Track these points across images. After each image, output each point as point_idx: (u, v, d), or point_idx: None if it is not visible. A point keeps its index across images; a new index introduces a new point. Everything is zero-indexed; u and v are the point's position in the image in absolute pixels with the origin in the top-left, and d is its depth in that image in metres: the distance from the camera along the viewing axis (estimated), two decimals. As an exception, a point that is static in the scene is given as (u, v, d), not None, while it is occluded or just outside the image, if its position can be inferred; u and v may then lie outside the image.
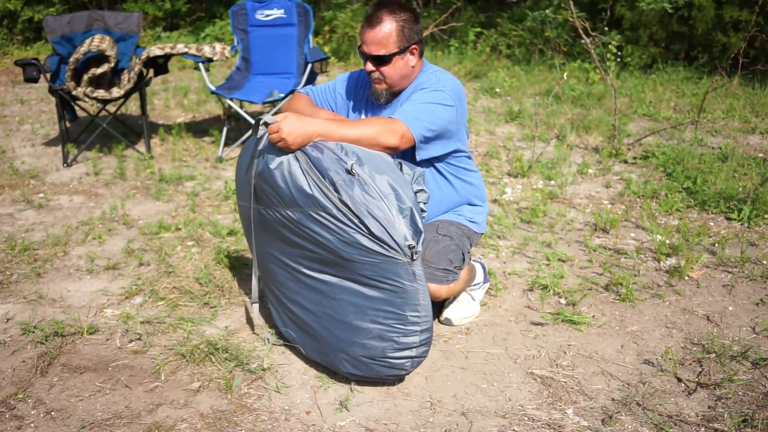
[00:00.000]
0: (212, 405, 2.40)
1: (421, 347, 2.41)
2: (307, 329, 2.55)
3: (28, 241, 3.70)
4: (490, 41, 8.99)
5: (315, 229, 2.32)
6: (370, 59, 2.64)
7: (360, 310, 2.38)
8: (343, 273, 2.36)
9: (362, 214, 2.23)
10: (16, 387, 2.50)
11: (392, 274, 2.28)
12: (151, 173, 4.82)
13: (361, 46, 2.66)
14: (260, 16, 5.61)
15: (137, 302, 3.10)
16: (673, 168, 4.70)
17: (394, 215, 2.25)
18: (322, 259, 2.38)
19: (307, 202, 2.30)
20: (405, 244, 2.24)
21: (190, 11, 10.75)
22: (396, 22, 2.60)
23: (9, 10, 9.78)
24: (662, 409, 2.37)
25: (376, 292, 2.33)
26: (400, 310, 2.33)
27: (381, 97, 2.72)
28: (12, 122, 6.29)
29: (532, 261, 3.49)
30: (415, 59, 2.70)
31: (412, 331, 2.37)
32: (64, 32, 5.25)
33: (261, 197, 2.47)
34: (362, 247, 2.26)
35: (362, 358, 2.42)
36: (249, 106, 6.23)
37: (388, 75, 2.66)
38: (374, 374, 2.45)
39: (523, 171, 4.72)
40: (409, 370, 2.45)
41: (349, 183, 2.25)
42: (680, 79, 7.39)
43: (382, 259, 2.26)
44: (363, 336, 2.39)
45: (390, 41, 2.60)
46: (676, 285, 3.25)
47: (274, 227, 2.47)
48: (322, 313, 2.47)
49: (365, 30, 2.62)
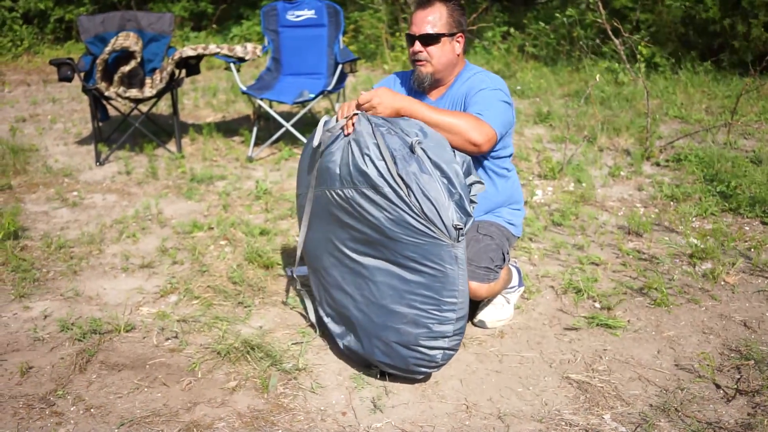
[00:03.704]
0: (249, 404, 2.42)
1: (454, 338, 2.41)
2: (346, 315, 2.58)
3: (63, 238, 3.74)
4: (516, 42, 8.96)
5: (365, 206, 2.36)
6: (419, 38, 2.71)
7: (397, 294, 2.39)
8: (385, 254, 2.39)
9: (415, 191, 2.27)
10: (55, 384, 2.53)
11: (434, 256, 2.30)
12: (182, 172, 4.86)
13: (410, 28, 2.75)
14: (291, 16, 5.64)
15: (172, 301, 3.13)
16: (707, 171, 4.65)
17: (445, 197, 2.28)
18: (367, 240, 2.42)
19: (361, 180, 2.35)
20: (452, 225, 2.27)
21: (221, 14, 10.80)
22: (446, 6, 2.73)
23: (40, 9, 9.91)
24: (700, 415, 2.35)
25: (415, 276, 2.35)
26: (438, 294, 2.34)
27: (425, 81, 2.77)
28: (44, 121, 6.37)
29: (564, 264, 3.48)
30: (460, 49, 2.78)
31: (447, 319, 2.37)
32: (97, 32, 5.31)
33: (323, 178, 2.53)
34: (408, 226, 2.29)
35: (395, 345, 2.43)
36: (278, 106, 6.26)
37: (435, 56, 2.72)
38: (405, 365, 2.45)
39: (554, 173, 4.70)
40: (439, 362, 2.45)
41: (408, 159, 2.30)
42: (710, 80, 7.31)
43: (427, 240, 2.29)
44: (398, 320, 2.41)
45: (440, 22, 2.71)
46: (712, 290, 3.21)
47: (330, 209, 2.52)
48: (361, 297, 2.50)
49: (416, 12, 2.74)
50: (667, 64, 7.89)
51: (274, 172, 4.92)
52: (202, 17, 10.93)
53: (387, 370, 2.52)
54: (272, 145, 5.47)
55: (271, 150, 5.43)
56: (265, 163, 5.15)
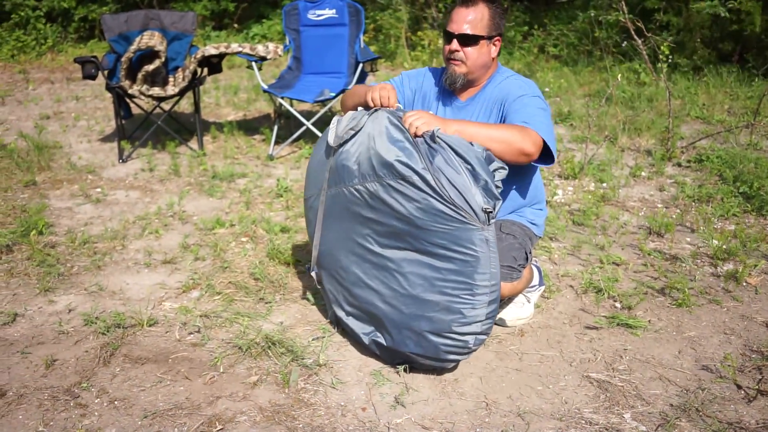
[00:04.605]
0: (270, 399, 2.44)
1: (487, 322, 2.42)
2: (371, 311, 2.59)
3: (87, 234, 3.79)
4: (537, 41, 8.93)
5: (391, 198, 2.38)
6: (457, 38, 2.67)
7: (428, 282, 2.41)
8: (413, 245, 2.41)
9: (442, 180, 2.28)
10: (80, 376, 2.57)
11: (465, 241, 2.31)
12: (204, 170, 4.90)
13: (449, 25, 2.70)
14: (312, 15, 5.67)
15: (194, 296, 3.16)
16: (728, 172, 4.62)
17: (470, 183, 2.29)
18: (393, 232, 2.43)
19: (386, 172, 2.37)
20: (481, 208, 2.28)
21: (242, 13, 10.87)
22: (489, 8, 2.68)
23: (63, 8, 10.01)
24: (721, 415, 2.34)
25: (446, 263, 2.36)
26: (470, 279, 2.35)
27: (457, 81, 2.73)
28: (68, 118, 6.44)
29: (585, 264, 3.47)
30: (496, 52, 2.75)
31: (479, 303, 2.37)
32: (121, 31, 5.37)
33: (339, 176, 2.55)
34: (438, 213, 2.31)
35: (427, 334, 2.44)
36: (298, 104, 6.29)
37: (471, 57, 2.68)
38: (436, 353, 2.46)
39: (575, 173, 4.68)
40: (471, 348, 2.45)
41: (431, 150, 2.32)
42: (733, 81, 7.25)
43: (457, 226, 2.30)
44: (430, 309, 2.42)
45: (480, 24, 2.67)
46: (734, 291, 3.19)
47: (348, 207, 2.54)
48: (388, 290, 2.51)
49: (458, 9, 2.68)
50: (690, 64, 7.84)
51: (295, 170, 4.95)
52: (223, 16, 11.00)
53: (418, 360, 2.53)
54: (292, 144, 5.50)
55: (291, 148, 5.46)
56: (285, 161, 5.18)
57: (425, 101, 2.86)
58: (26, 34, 9.77)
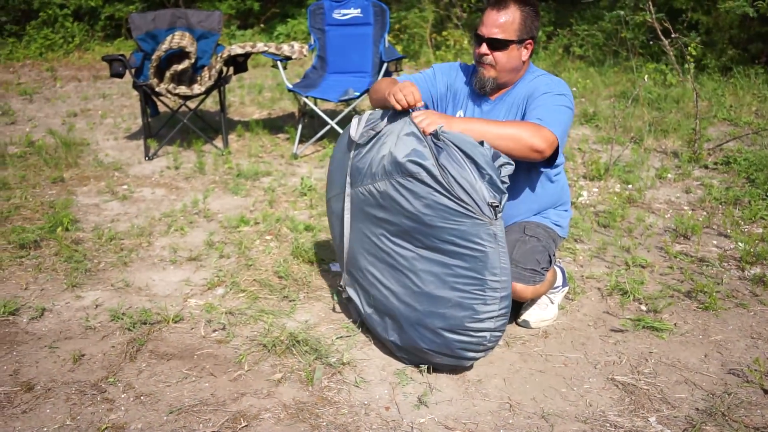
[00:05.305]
0: (294, 396, 2.45)
1: (500, 318, 2.41)
2: (389, 311, 2.60)
3: (113, 231, 3.83)
4: (562, 41, 8.88)
5: (400, 196, 2.40)
6: (487, 42, 2.63)
7: (439, 279, 2.42)
8: (423, 242, 2.42)
9: (447, 176, 2.30)
10: (106, 371, 2.60)
11: (473, 236, 2.32)
12: (229, 168, 4.93)
13: (479, 28, 2.65)
14: (337, 15, 5.68)
15: (219, 293, 3.18)
16: (756, 174, 4.56)
17: (475, 178, 2.30)
18: (403, 231, 2.45)
19: (394, 170, 2.39)
20: (486, 203, 2.29)
21: (262, 10, 10.93)
22: (521, 11, 2.62)
23: (90, 6, 10.12)
24: (748, 420, 2.32)
25: (455, 259, 2.37)
26: (480, 274, 2.35)
27: (486, 85, 2.70)
28: (95, 116, 6.51)
29: (610, 266, 3.45)
30: (527, 55, 2.70)
31: (491, 298, 2.37)
32: (148, 29, 5.41)
33: (354, 178, 2.59)
34: (446, 209, 2.32)
35: (441, 331, 2.45)
36: (322, 103, 6.31)
37: (500, 62, 2.65)
38: (452, 351, 2.47)
39: (600, 174, 4.65)
40: (488, 345, 2.46)
41: (437, 147, 2.35)
42: (761, 83, 7.16)
43: (464, 221, 2.31)
44: (442, 305, 2.42)
45: (511, 28, 2.61)
46: (761, 295, 3.16)
47: (362, 207, 2.58)
48: (402, 289, 2.52)
49: (489, 12, 2.63)
50: (718, 65, 7.75)
51: (319, 169, 4.97)
52: (248, 15, 11.06)
53: (435, 358, 2.53)
54: (317, 143, 5.52)
55: (315, 147, 5.48)
56: (309, 160, 5.20)
57: (456, 99, 2.84)
58: (54, 32, 9.89)
